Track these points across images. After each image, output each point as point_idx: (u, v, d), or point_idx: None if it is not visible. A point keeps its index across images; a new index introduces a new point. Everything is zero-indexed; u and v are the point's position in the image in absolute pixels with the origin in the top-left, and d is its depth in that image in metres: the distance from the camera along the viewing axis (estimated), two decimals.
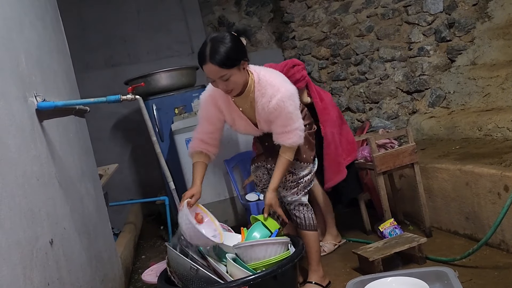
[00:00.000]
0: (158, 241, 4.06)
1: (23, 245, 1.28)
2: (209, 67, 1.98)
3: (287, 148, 2.17)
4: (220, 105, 2.22)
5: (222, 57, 1.97)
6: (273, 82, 2.10)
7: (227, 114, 2.24)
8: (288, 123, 2.11)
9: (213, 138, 2.27)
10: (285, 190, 2.36)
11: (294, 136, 2.13)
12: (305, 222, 2.37)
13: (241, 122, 2.26)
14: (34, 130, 1.58)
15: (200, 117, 2.30)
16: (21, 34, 1.65)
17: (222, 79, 2.00)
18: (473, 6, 4.02)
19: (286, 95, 2.07)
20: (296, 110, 2.12)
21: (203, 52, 2.00)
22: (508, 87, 3.42)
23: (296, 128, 2.12)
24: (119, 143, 5.03)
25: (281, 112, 2.08)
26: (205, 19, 5.24)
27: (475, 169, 2.52)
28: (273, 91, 2.07)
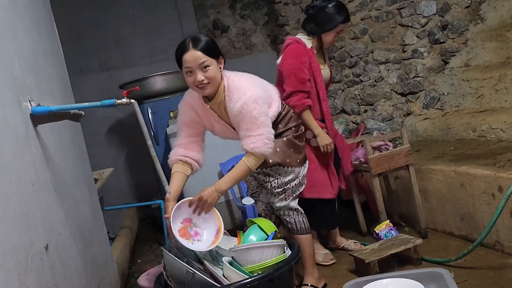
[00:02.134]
0: (154, 245, 4.05)
1: (18, 251, 1.28)
2: (191, 53, 1.99)
3: (250, 154, 2.06)
4: (197, 111, 2.21)
5: (204, 44, 2.01)
6: (240, 85, 2.07)
7: (204, 119, 2.22)
8: (251, 127, 2.03)
9: (195, 142, 2.22)
10: (272, 197, 2.33)
11: (258, 142, 2.03)
12: (296, 226, 2.36)
13: (219, 127, 2.23)
14: (29, 135, 1.57)
15: (179, 124, 2.25)
16: (15, 38, 1.64)
17: (202, 66, 1.99)
18: (466, 8, 4.04)
19: (250, 99, 2.02)
20: (261, 116, 2.04)
21: (184, 43, 2.03)
22: (501, 89, 3.44)
23: (261, 134, 2.03)
24: (114, 147, 5.02)
25: (244, 115, 2.02)
26: (199, 23, 5.25)
27: (470, 170, 2.53)
28: (239, 95, 2.05)
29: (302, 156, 2.35)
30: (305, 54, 2.64)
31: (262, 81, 2.25)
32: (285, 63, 2.66)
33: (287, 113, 2.33)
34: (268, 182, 2.30)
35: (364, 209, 3.19)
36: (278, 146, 2.22)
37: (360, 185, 3.25)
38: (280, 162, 2.24)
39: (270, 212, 2.50)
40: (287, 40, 2.75)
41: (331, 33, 2.68)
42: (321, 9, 2.67)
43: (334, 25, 2.66)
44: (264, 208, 2.52)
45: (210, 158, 2.39)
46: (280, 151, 2.23)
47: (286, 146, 2.27)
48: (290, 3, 4.81)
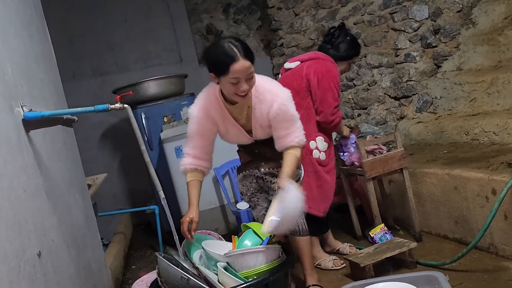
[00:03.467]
0: (148, 251, 4.02)
1: (10, 258, 1.26)
2: (242, 63, 1.92)
3: (295, 147, 2.13)
4: (213, 116, 2.17)
5: (251, 52, 1.97)
6: (270, 88, 2.10)
7: (220, 123, 2.19)
8: (291, 124, 2.11)
9: (206, 151, 2.23)
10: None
11: (300, 134, 2.12)
12: (298, 228, 2.36)
13: (234, 131, 2.22)
14: (21, 140, 1.56)
15: (191, 132, 2.22)
16: (6, 43, 1.63)
17: (249, 76, 1.97)
18: (457, 13, 4.08)
19: (285, 99, 2.08)
20: (295, 111, 2.13)
21: (231, 50, 1.92)
22: (493, 92, 3.47)
23: (299, 127, 2.14)
24: (107, 152, 4.99)
25: (284, 115, 2.07)
26: (193, 27, 5.25)
27: (463, 173, 2.55)
28: (272, 96, 2.07)
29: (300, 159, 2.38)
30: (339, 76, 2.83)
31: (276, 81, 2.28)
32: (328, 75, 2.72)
33: None
34: (275, 183, 2.29)
35: (359, 213, 3.19)
36: None
37: (354, 189, 3.26)
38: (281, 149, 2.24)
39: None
40: (320, 54, 2.83)
41: (345, 62, 2.90)
42: (341, 40, 2.88)
43: (350, 56, 2.90)
44: (264, 212, 2.48)
45: None
46: None
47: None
48: (284, 8, 4.82)
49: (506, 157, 2.66)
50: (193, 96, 4.32)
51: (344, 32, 2.89)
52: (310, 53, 2.92)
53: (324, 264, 2.74)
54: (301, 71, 2.74)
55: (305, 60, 2.81)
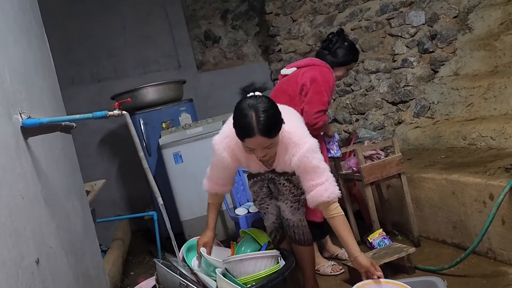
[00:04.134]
0: (147, 257, 4.01)
1: (8, 266, 1.26)
2: (257, 139, 1.89)
3: (330, 204, 2.02)
4: (238, 156, 2.16)
5: (270, 128, 1.90)
6: (296, 139, 2.04)
7: (243, 159, 2.19)
8: (316, 176, 2.02)
9: (229, 180, 2.28)
10: (285, 204, 2.33)
11: (330, 187, 2.01)
12: (304, 237, 2.36)
13: (255, 166, 2.25)
14: (19, 147, 1.56)
15: (213, 164, 2.22)
16: (5, 50, 1.63)
17: (266, 148, 1.94)
18: (454, 18, 4.11)
19: (308, 151, 2.01)
20: (321, 162, 2.05)
21: (248, 123, 1.88)
22: (490, 97, 3.48)
23: (327, 179, 2.03)
24: (106, 158, 4.99)
25: (305, 167, 2.02)
26: (191, 33, 5.27)
27: (461, 178, 2.55)
28: (295, 149, 2.03)
29: None
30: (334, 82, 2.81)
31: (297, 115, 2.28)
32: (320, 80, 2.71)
33: None
34: (288, 187, 2.30)
35: (357, 218, 3.19)
36: None
37: (352, 194, 3.26)
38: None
39: (278, 226, 2.45)
40: (316, 61, 2.83)
41: (343, 68, 2.89)
42: (339, 46, 2.87)
43: (348, 61, 2.89)
44: (274, 220, 2.45)
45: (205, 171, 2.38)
46: None
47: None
48: (281, 14, 4.85)
49: (503, 162, 2.67)
50: (192, 102, 4.36)
51: (342, 38, 2.89)
52: (307, 59, 2.92)
53: (323, 269, 2.74)
54: (296, 78, 2.75)
55: (301, 66, 2.82)
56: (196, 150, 3.68)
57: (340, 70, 2.88)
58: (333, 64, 2.84)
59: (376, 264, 1.99)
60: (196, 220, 3.71)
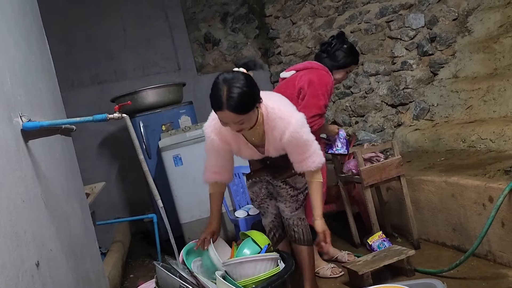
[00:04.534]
0: (146, 259, 4.01)
1: (8, 269, 1.26)
2: (225, 113, 1.92)
3: (314, 171, 2.14)
4: (226, 137, 2.19)
5: (239, 104, 1.90)
6: (283, 115, 2.08)
7: (233, 144, 2.22)
8: (307, 149, 2.10)
9: (225, 166, 2.27)
10: (284, 204, 2.36)
11: (316, 158, 2.12)
12: (303, 237, 2.38)
13: (247, 151, 2.25)
14: (20, 150, 1.56)
15: (207, 150, 2.26)
16: (5, 54, 1.64)
17: (237, 123, 1.97)
18: (453, 21, 4.12)
19: (298, 126, 2.06)
20: (310, 135, 2.12)
21: (219, 97, 1.91)
22: (489, 100, 3.49)
23: (315, 150, 2.12)
24: (106, 160, 4.99)
25: (297, 142, 2.07)
26: (191, 36, 5.28)
27: (460, 180, 2.56)
28: (284, 124, 2.06)
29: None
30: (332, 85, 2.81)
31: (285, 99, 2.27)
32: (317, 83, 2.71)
33: None
34: (285, 189, 2.33)
35: (357, 220, 3.20)
36: None
37: (352, 197, 3.26)
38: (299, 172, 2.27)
39: (278, 224, 2.48)
40: (314, 64, 2.83)
41: (342, 71, 2.88)
42: (337, 48, 2.86)
43: (347, 64, 2.87)
44: (273, 219, 2.49)
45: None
46: None
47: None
48: (281, 16, 4.86)
49: (503, 164, 2.68)
50: (191, 105, 4.36)
51: (341, 40, 2.89)
52: (306, 62, 2.92)
53: (322, 272, 2.74)
54: (294, 81, 2.76)
55: (300, 69, 2.83)
56: (196, 153, 3.68)
57: (339, 73, 2.88)
58: (331, 67, 2.84)
59: (328, 235, 2.11)
60: (196, 222, 3.71)
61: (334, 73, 2.85)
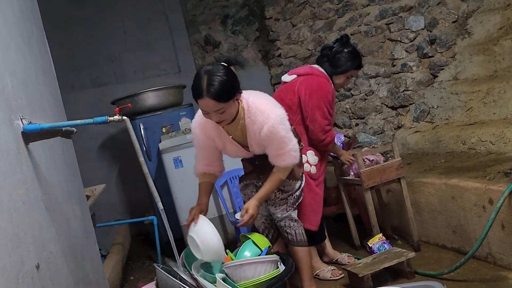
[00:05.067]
0: (146, 261, 4.01)
1: (9, 271, 1.26)
2: (206, 101, 1.97)
3: (282, 168, 2.19)
4: (210, 134, 2.23)
5: (219, 92, 1.96)
6: (263, 108, 2.11)
7: (218, 140, 2.25)
8: (281, 147, 2.13)
9: (214, 160, 2.30)
10: (274, 207, 2.38)
11: (288, 158, 2.15)
12: (296, 238, 2.38)
13: (232, 147, 2.27)
14: (20, 153, 1.57)
15: (194, 144, 2.32)
16: (6, 57, 1.64)
17: (217, 112, 2.01)
18: (453, 23, 4.13)
19: (276, 121, 2.08)
20: (288, 133, 2.14)
21: (199, 86, 1.98)
22: (489, 102, 3.49)
23: (290, 150, 2.15)
24: (106, 163, 5.00)
25: (273, 138, 2.10)
26: (191, 38, 5.29)
27: (460, 183, 2.56)
28: (263, 118, 2.08)
29: (302, 170, 2.46)
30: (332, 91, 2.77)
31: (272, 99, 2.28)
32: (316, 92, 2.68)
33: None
34: (273, 193, 2.32)
35: (357, 222, 3.20)
36: None
37: (352, 199, 3.26)
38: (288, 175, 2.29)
39: (269, 225, 2.50)
40: (315, 70, 2.78)
41: (342, 76, 2.81)
42: (337, 52, 2.79)
43: (346, 69, 2.79)
44: (264, 221, 2.52)
45: None
46: None
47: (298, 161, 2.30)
48: (281, 19, 4.87)
49: (503, 166, 2.68)
50: (192, 107, 4.36)
51: (342, 44, 2.81)
52: (307, 67, 2.87)
53: (322, 274, 2.74)
54: (294, 86, 2.74)
55: (301, 74, 2.80)
56: None
57: (339, 78, 2.81)
58: (331, 72, 2.79)
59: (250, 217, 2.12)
60: None
61: (334, 78, 2.80)
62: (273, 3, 4.89)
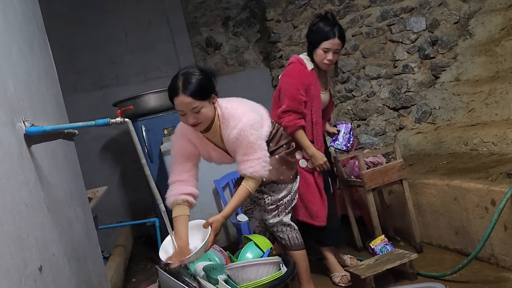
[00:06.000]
0: (148, 263, 4.01)
1: (12, 273, 1.27)
2: (182, 98, 2.00)
3: (249, 178, 2.10)
4: (192, 141, 2.23)
5: (194, 88, 1.99)
6: (235, 113, 2.10)
7: (201, 148, 2.24)
8: (249, 152, 2.08)
9: (191, 175, 2.22)
10: (266, 213, 2.35)
11: (256, 165, 2.08)
12: (290, 242, 2.36)
13: (216, 154, 2.27)
14: (23, 155, 1.57)
15: (174, 155, 2.25)
16: (9, 60, 1.65)
17: (193, 111, 2.01)
18: (454, 24, 4.12)
19: (247, 125, 2.06)
20: (258, 140, 2.09)
21: (175, 84, 2.02)
22: (491, 102, 3.49)
23: (258, 158, 2.09)
24: (108, 164, 5.00)
25: (242, 141, 2.07)
26: (192, 40, 5.29)
27: (463, 184, 2.55)
28: (235, 122, 2.08)
29: (294, 172, 2.39)
30: (305, 76, 2.65)
31: (252, 103, 2.28)
32: (284, 80, 2.68)
33: (277, 131, 2.35)
34: (262, 199, 2.31)
35: (359, 224, 3.19)
36: (271, 164, 2.23)
37: (354, 200, 3.26)
38: (274, 179, 2.26)
39: (264, 229, 2.50)
40: (291, 58, 2.76)
41: (317, 50, 2.66)
42: (310, 27, 2.73)
43: (313, 42, 2.68)
44: (257, 224, 2.52)
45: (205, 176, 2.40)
46: (273, 168, 2.25)
47: (279, 163, 2.28)
48: (282, 20, 4.87)
49: (505, 167, 2.67)
50: None
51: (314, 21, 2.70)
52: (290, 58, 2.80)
53: (333, 278, 2.70)
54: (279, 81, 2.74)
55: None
56: None
57: (315, 55, 2.67)
58: (309, 52, 2.69)
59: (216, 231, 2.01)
60: None
61: (314, 57, 2.68)
62: (274, 4, 4.90)
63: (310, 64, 2.70)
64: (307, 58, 2.73)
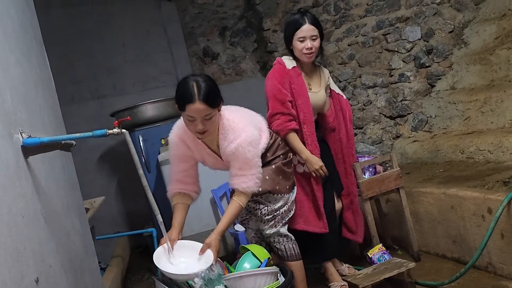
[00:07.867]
0: (146, 274, 3.98)
1: (8, 285, 1.26)
2: (198, 105, 1.98)
3: (241, 193, 2.12)
4: (188, 144, 2.23)
5: (210, 96, 1.99)
6: (236, 127, 2.10)
7: (196, 152, 2.25)
8: (244, 167, 2.09)
9: (190, 175, 2.26)
10: (262, 224, 2.34)
11: (249, 181, 2.10)
12: (286, 253, 2.35)
13: (210, 159, 2.27)
14: (20, 167, 1.57)
15: (171, 158, 2.28)
16: (6, 71, 1.65)
17: (205, 118, 2.01)
18: (449, 33, 4.16)
19: (246, 141, 2.07)
20: (255, 158, 2.11)
21: (189, 90, 1.99)
22: (487, 111, 3.51)
23: (252, 174, 2.10)
24: (105, 175, 4.99)
25: (238, 156, 2.07)
26: (190, 50, 5.32)
27: (459, 192, 2.56)
28: (234, 136, 2.08)
29: (291, 182, 2.38)
30: (283, 74, 2.60)
31: (252, 114, 2.28)
32: (266, 84, 2.66)
33: (274, 141, 2.36)
34: (258, 209, 2.31)
35: None
36: (267, 174, 2.23)
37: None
38: (270, 189, 2.26)
39: (260, 239, 2.49)
40: (276, 60, 2.76)
41: (294, 43, 2.60)
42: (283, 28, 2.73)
43: (291, 36, 2.61)
44: (254, 235, 2.51)
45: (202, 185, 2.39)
46: (269, 179, 2.25)
47: (275, 173, 2.28)
48: (279, 30, 4.91)
49: (501, 175, 2.69)
50: None
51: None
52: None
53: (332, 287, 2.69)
54: None
55: None
56: None
57: (295, 49, 2.62)
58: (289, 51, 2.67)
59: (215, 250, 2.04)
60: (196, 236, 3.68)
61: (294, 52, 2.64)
62: (270, 14, 4.94)
63: (290, 63, 2.65)
64: (288, 58, 2.69)
